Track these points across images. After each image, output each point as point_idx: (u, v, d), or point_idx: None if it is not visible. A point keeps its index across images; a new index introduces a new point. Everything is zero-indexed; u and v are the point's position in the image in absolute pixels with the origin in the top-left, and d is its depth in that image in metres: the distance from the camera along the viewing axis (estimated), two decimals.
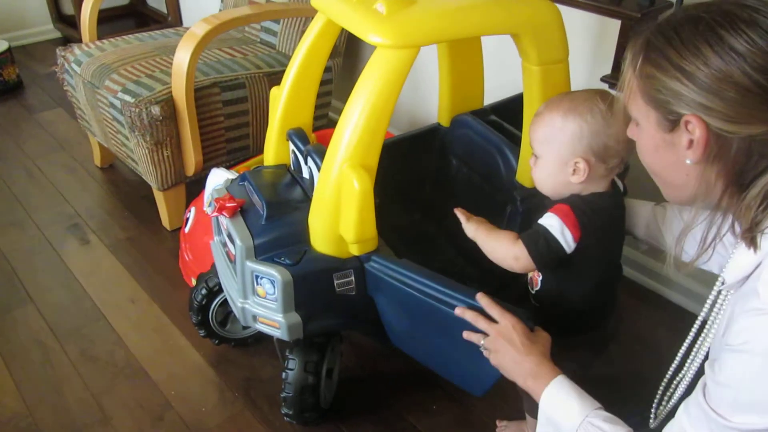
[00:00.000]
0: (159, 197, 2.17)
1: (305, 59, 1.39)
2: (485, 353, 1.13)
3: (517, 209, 1.42)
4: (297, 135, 1.43)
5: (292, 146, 1.45)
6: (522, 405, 1.38)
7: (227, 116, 2.09)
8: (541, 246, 1.09)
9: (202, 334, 1.69)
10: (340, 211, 1.22)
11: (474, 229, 1.22)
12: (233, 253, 1.33)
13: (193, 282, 1.92)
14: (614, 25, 1.71)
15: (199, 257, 1.89)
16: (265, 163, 1.53)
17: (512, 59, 1.30)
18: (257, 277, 1.28)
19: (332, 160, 1.20)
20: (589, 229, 1.08)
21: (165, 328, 1.82)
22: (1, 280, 2.01)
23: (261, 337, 1.75)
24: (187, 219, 1.97)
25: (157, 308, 1.89)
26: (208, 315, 1.65)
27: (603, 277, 1.19)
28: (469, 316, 1.15)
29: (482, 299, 1.14)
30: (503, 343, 1.08)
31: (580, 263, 1.13)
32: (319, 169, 1.28)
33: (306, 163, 1.39)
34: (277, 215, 1.32)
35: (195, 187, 2.08)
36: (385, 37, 1.11)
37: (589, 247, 1.10)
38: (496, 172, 1.50)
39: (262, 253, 1.28)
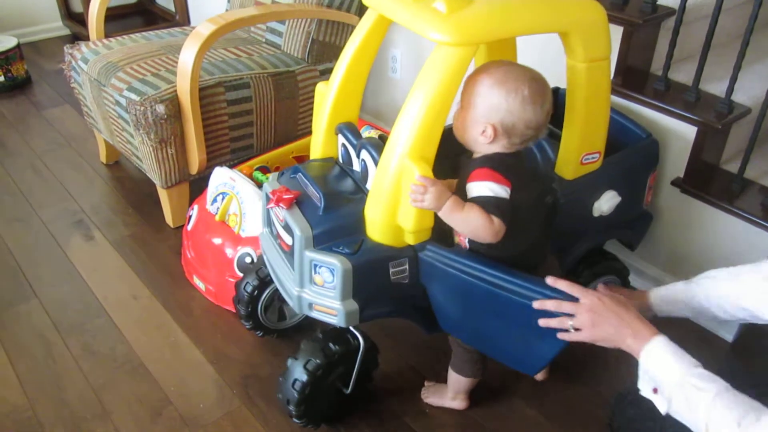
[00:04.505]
0: (163, 195, 2.19)
1: (356, 55, 1.42)
2: (572, 334, 1.18)
3: (557, 200, 1.47)
4: (348, 129, 1.46)
5: (342, 139, 1.48)
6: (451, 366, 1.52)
7: (231, 116, 2.11)
8: (502, 210, 1.21)
9: (247, 327, 1.73)
10: (400, 201, 1.26)
11: (450, 208, 1.23)
12: (288, 243, 1.37)
13: (195, 280, 1.95)
14: (616, 32, 1.72)
15: (201, 255, 1.91)
16: (312, 157, 1.56)
17: (547, 56, 1.33)
18: (316, 266, 1.31)
19: (392, 153, 1.24)
20: (510, 174, 1.23)
21: (166, 325, 1.84)
22: (6, 274, 2.03)
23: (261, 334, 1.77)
24: (190, 217, 1.99)
25: (158, 305, 1.91)
26: (257, 306, 1.68)
27: (525, 224, 1.30)
28: (550, 305, 1.20)
29: (557, 282, 1.20)
30: (597, 316, 1.13)
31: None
32: (375, 161, 1.31)
33: (359, 156, 1.41)
34: (334, 206, 1.35)
35: (199, 185, 2.10)
36: (446, 35, 1.15)
37: (514, 195, 1.23)
38: (535, 165, 1.54)
39: (320, 243, 1.31)
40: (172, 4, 3.67)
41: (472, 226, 1.22)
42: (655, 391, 1.05)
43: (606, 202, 1.53)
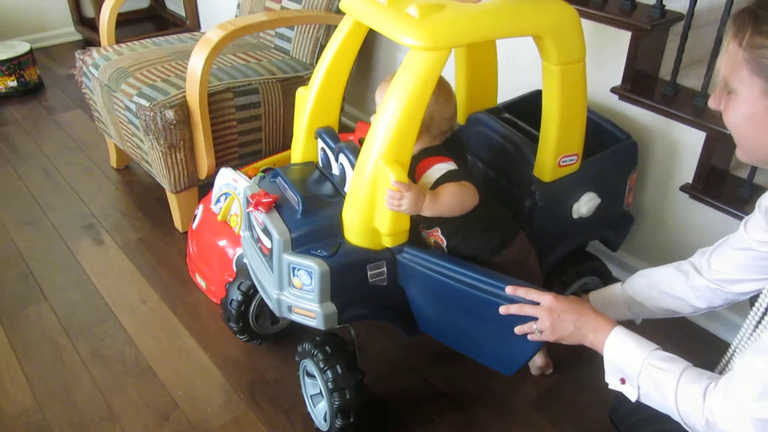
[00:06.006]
0: (172, 199, 2.20)
1: (333, 61, 1.43)
2: (538, 336, 1.21)
3: (536, 202, 1.48)
4: (327, 133, 1.47)
5: (321, 144, 1.49)
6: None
7: (240, 121, 2.12)
8: (462, 175, 1.31)
9: (244, 339, 1.73)
10: (376, 205, 1.27)
11: (429, 203, 1.27)
12: (268, 246, 1.37)
13: (197, 277, 1.96)
14: (624, 37, 1.72)
15: (203, 253, 1.92)
16: (293, 161, 1.57)
17: (522, 60, 1.33)
18: (294, 269, 1.32)
19: (367, 156, 1.25)
20: (446, 153, 1.35)
21: (174, 329, 1.85)
22: (17, 278, 2.05)
23: (266, 340, 1.77)
24: (196, 216, 2.00)
25: (166, 309, 1.92)
26: (248, 318, 1.68)
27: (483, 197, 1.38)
28: (514, 309, 1.23)
29: (517, 290, 1.23)
30: (556, 317, 1.17)
31: None
32: (352, 165, 1.32)
33: (337, 159, 1.42)
34: (313, 209, 1.37)
35: (207, 189, 2.10)
36: (419, 40, 1.17)
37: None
38: (513, 167, 1.55)
39: (299, 246, 1.33)
40: (182, 10, 3.69)
41: (457, 201, 1.28)
42: (623, 381, 1.08)
43: (585, 204, 1.54)
